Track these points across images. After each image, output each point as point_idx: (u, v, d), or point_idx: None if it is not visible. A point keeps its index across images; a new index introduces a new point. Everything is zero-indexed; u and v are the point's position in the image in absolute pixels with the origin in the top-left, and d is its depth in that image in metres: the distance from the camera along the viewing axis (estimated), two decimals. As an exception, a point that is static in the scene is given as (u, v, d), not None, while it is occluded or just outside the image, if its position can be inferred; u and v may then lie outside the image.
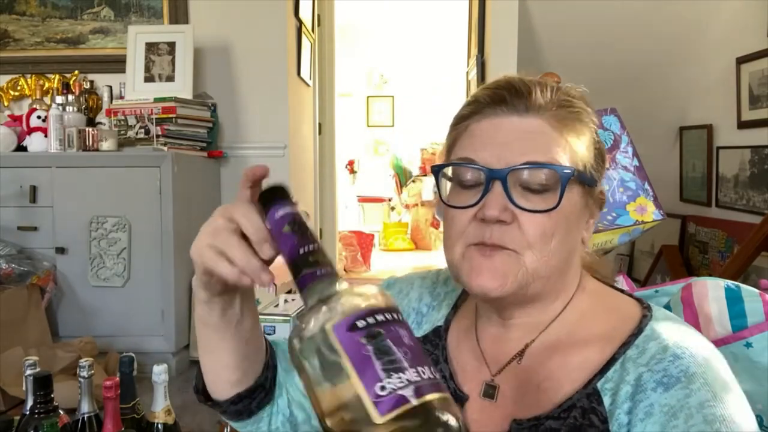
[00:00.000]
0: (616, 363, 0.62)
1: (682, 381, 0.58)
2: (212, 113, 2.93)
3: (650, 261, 3.30)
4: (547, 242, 0.63)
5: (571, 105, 0.67)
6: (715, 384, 0.58)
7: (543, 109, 0.65)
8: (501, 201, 0.62)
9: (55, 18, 3.14)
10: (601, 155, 0.69)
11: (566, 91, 0.68)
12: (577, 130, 0.66)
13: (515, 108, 0.64)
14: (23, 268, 2.45)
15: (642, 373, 0.60)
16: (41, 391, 1.06)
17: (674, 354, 0.60)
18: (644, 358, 0.61)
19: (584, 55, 3.30)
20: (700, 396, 0.57)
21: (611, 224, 1.49)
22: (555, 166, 0.62)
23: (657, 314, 0.66)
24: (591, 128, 0.68)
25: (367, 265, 5.52)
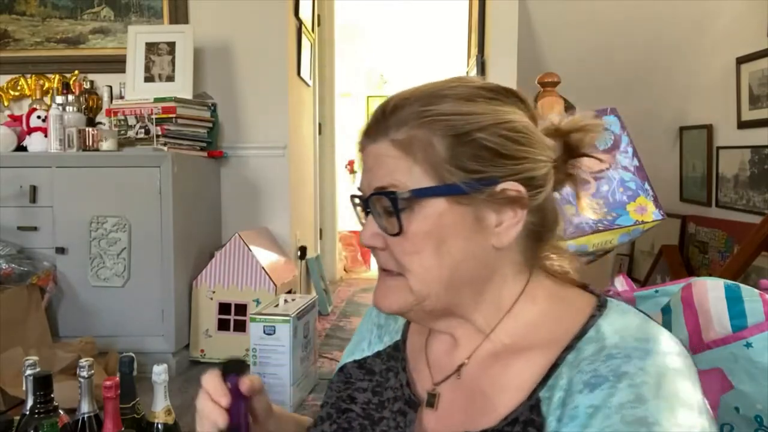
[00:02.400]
0: (556, 369, 0.60)
1: (609, 380, 0.55)
2: (212, 113, 2.93)
3: (650, 261, 3.30)
4: (415, 261, 0.64)
5: (426, 116, 0.63)
6: (644, 385, 0.54)
7: (387, 131, 0.64)
8: (369, 228, 0.66)
9: (55, 18, 3.14)
10: (494, 151, 0.62)
11: (428, 102, 0.64)
12: (430, 142, 0.62)
13: (373, 135, 0.66)
14: (23, 268, 2.45)
15: (573, 376, 0.58)
16: (41, 391, 1.06)
17: (608, 354, 0.58)
18: (578, 360, 0.59)
19: (584, 55, 3.30)
20: (624, 396, 0.54)
21: (611, 224, 1.49)
22: (385, 191, 0.63)
23: (609, 312, 0.63)
24: (462, 130, 0.62)
25: (367, 265, 5.52)
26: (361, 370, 0.77)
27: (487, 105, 0.64)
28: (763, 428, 0.79)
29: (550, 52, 3.40)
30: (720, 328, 0.82)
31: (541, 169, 0.64)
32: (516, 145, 0.63)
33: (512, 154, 0.63)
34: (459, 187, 0.62)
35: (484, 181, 0.62)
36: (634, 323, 0.62)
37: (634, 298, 1.13)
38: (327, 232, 4.81)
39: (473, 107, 0.63)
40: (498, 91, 0.66)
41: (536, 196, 0.64)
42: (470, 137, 0.62)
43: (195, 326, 2.73)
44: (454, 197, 0.62)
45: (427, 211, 0.62)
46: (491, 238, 0.64)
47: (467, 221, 0.63)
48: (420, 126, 0.63)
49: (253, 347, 2.19)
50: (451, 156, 0.62)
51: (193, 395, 0.75)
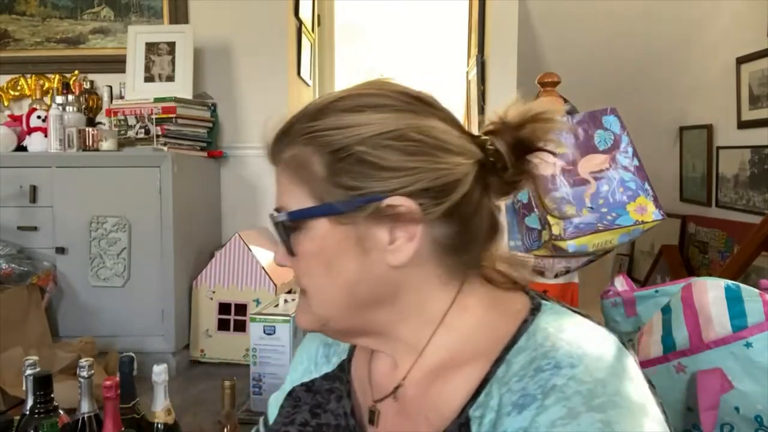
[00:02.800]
0: (486, 385, 0.57)
1: (537, 399, 0.52)
2: (212, 113, 2.93)
3: (650, 261, 3.30)
4: (310, 282, 0.63)
5: (307, 133, 0.60)
6: (576, 397, 0.51)
7: (279, 153, 0.63)
8: (280, 249, 0.66)
9: (55, 18, 3.14)
10: (375, 165, 0.57)
11: (313, 117, 0.61)
12: (310, 161, 0.59)
13: (270, 157, 0.65)
14: (23, 268, 2.45)
15: (503, 395, 0.55)
16: (41, 391, 1.06)
17: (537, 367, 0.54)
18: (508, 376, 0.56)
19: (584, 55, 3.30)
20: (553, 413, 0.50)
21: (611, 224, 1.49)
22: (273, 218, 0.63)
23: (541, 318, 0.60)
24: (339, 145, 0.58)
25: (367, 265, 5.51)
26: (309, 393, 0.74)
27: (373, 114, 0.59)
28: (763, 428, 0.79)
29: (550, 52, 3.40)
30: (720, 328, 0.82)
31: (443, 178, 0.58)
32: (401, 155, 0.57)
33: (397, 166, 0.57)
34: (334, 207, 0.58)
35: (365, 198, 0.57)
36: (567, 326, 0.59)
37: (634, 298, 1.13)
38: (327, 232, 4.82)
39: (355, 119, 0.58)
40: (396, 96, 0.61)
41: (435, 208, 0.58)
42: (348, 152, 0.57)
43: (195, 326, 2.73)
44: (335, 217, 0.59)
45: (312, 233, 0.61)
46: (386, 256, 0.59)
47: (350, 242, 0.59)
48: (303, 144, 0.60)
49: (253, 347, 2.19)
50: (329, 174, 0.58)
51: (194, 395, 0.75)
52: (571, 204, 1.50)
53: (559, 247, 1.51)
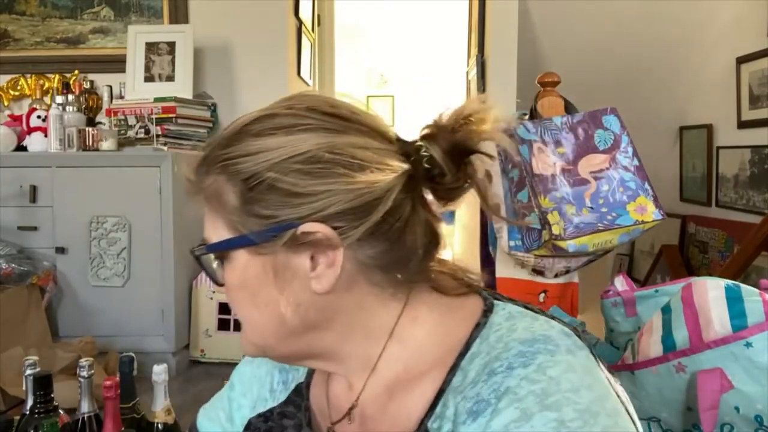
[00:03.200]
0: (443, 395, 0.55)
1: (492, 403, 0.50)
2: (212, 113, 2.93)
3: (650, 261, 3.30)
4: (239, 312, 0.61)
5: (220, 162, 0.57)
6: (529, 397, 0.49)
7: (199, 184, 0.60)
8: None
9: (55, 18, 3.14)
10: (286, 191, 0.54)
11: (227, 144, 0.58)
12: (223, 191, 0.57)
13: (189, 192, 0.63)
14: (23, 268, 2.45)
15: (458, 404, 0.53)
16: (41, 391, 1.06)
17: (490, 370, 0.53)
18: (464, 384, 0.54)
19: (584, 54, 3.30)
20: (507, 416, 0.49)
21: (611, 224, 1.49)
22: (195, 249, 0.61)
23: (494, 319, 0.58)
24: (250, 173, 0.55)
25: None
26: (267, 423, 0.70)
27: (284, 137, 0.55)
28: (763, 428, 0.79)
29: (550, 52, 3.40)
30: (720, 328, 0.82)
31: (359, 198, 0.54)
32: (313, 179, 0.54)
33: (309, 191, 0.54)
34: (249, 238, 0.56)
35: (279, 227, 0.54)
36: (520, 325, 0.57)
37: (634, 298, 1.13)
38: (327, 232, 4.82)
39: (265, 143, 0.55)
40: (312, 114, 0.57)
41: (352, 231, 0.54)
42: (259, 179, 0.54)
43: (195, 326, 2.73)
44: (252, 248, 0.56)
45: (234, 264, 0.59)
46: (311, 283, 0.56)
47: (271, 271, 0.57)
48: (218, 173, 0.57)
49: None
50: (242, 203, 0.56)
51: (194, 395, 0.75)
52: (571, 204, 1.50)
53: (559, 247, 1.51)
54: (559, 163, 1.54)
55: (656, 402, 0.92)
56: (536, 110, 1.70)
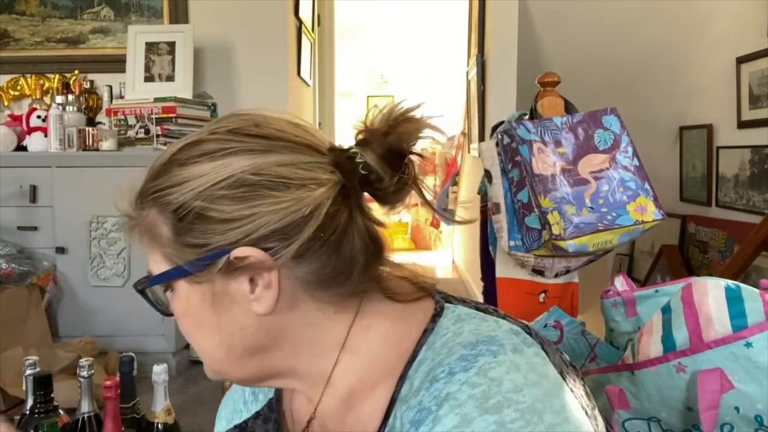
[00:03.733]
0: (393, 406, 0.55)
1: (432, 411, 0.50)
2: (212, 113, 2.93)
3: (650, 261, 3.30)
4: (190, 338, 0.61)
5: (149, 194, 0.57)
6: (469, 402, 0.49)
7: (135, 219, 0.59)
8: None
9: (55, 18, 3.14)
10: (214, 218, 0.54)
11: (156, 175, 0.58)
12: (156, 223, 0.57)
13: (124, 227, 0.62)
14: (23, 268, 2.45)
15: (403, 414, 0.53)
16: (41, 391, 1.06)
17: (432, 377, 0.52)
18: (410, 393, 0.54)
19: (584, 54, 3.30)
20: (447, 423, 0.49)
21: (611, 224, 1.49)
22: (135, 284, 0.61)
23: (442, 323, 0.58)
24: (177, 203, 0.55)
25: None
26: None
27: (209, 163, 0.55)
28: (763, 428, 0.79)
29: (550, 52, 3.40)
30: (720, 328, 0.82)
31: (288, 217, 0.53)
32: (238, 203, 0.53)
33: (236, 216, 0.53)
34: (183, 269, 0.56)
35: (211, 255, 0.54)
36: (467, 328, 0.56)
37: (634, 298, 1.13)
38: (327, 232, 4.82)
39: (191, 171, 0.55)
40: (236, 138, 0.56)
41: (284, 250, 0.54)
42: (187, 209, 0.54)
43: (195, 326, 2.73)
44: (189, 278, 0.56)
45: (177, 294, 0.59)
46: (252, 306, 0.56)
47: (210, 299, 0.57)
48: (150, 206, 0.57)
49: None
50: (174, 234, 0.56)
51: (194, 395, 0.75)
52: (571, 204, 1.50)
53: (559, 247, 1.51)
54: (559, 163, 1.53)
55: (656, 402, 0.92)
56: (536, 110, 1.70)
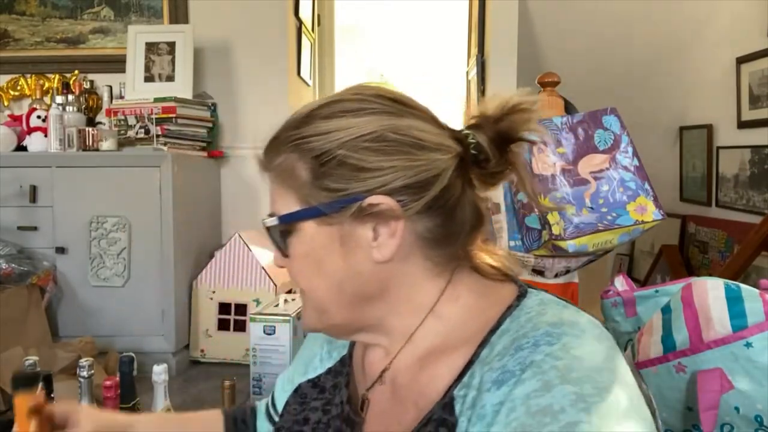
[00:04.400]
0: (471, 366, 0.59)
1: (516, 374, 0.54)
2: (212, 113, 2.93)
3: (650, 261, 3.30)
4: (303, 283, 0.66)
5: (291, 141, 0.63)
6: (552, 371, 0.52)
7: (269, 162, 0.66)
8: (276, 252, 0.68)
9: (55, 18, 3.14)
10: (354, 166, 0.60)
11: (297, 125, 0.64)
12: (295, 167, 0.62)
13: (261, 166, 0.68)
14: (23, 268, 2.45)
15: (484, 374, 0.57)
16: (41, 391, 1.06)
17: (517, 346, 0.56)
18: (491, 356, 0.58)
19: (584, 54, 3.31)
20: (528, 386, 0.52)
21: (611, 224, 1.49)
22: (264, 221, 0.66)
23: (527, 302, 0.63)
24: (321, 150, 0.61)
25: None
26: (315, 388, 0.77)
27: (352, 119, 0.61)
28: (763, 428, 0.79)
29: (550, 52, 3.40)
30: (720, 328, 0.82)
31: (421, 174, 0.60)
32: (379, 155, 0.60)
33: (375, 166, 0.60)
34: (319, 209, 0.61)
35: (347, 199, 0.60)
36: (551, 311, 0.60)
37: (634, 298, 1.13)
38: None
39: (335, 124, 0.61)
40: (374, 98, 0.63)
41: (414, 203, 0.60)
42: (329, 156, 0.60)
43: (195, 326, 2.73)
44: (321, 219, 0.62)
45: (302, 235, 0.64)
46: (372, 253, 0.62)
47: (337, 241, 0.62)
48: (290, 151, 0.63)
49: (253, 347, 2.19)
50: (313, 178, 0.61)
51: (194, 395, 0.75)
52: (571, 204, 1.50)
53: (559, 247, 1.51)
54: (559, 163, 1.54)
55: (656, 402, 0.92)
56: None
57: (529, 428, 0.50)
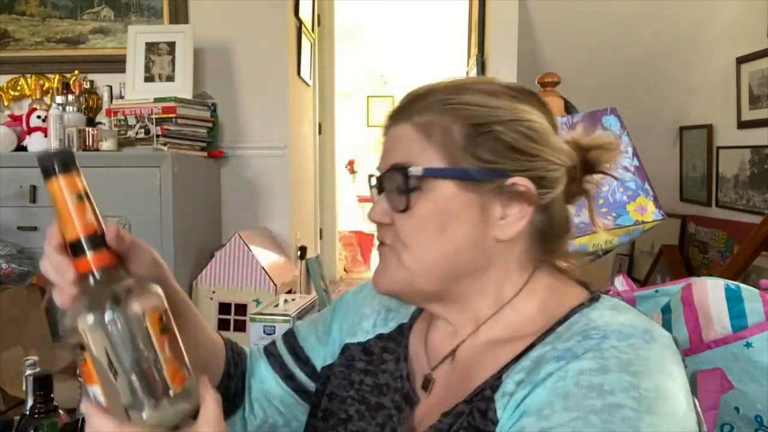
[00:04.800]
0: (531, 350, 0.62)
1: (578, 355, 0.56)
2: (212, 113, 2.93)
3: (650, 261, 3.30)
4: (415, 241, 0.66)
5: (449, 104, 0.66)
6: (612, 360, 0.54)
7: (410, 115, 0.67)
8: (380, 204, 0.68)
9: (55, 18, 3.14)
10: (509, 145, 0.64)
11: (454, 91, 0.67)
12: (448, 128, 0.64)
13: (396, 117, 0.69)
14: (23, 268, 2.45)
15: (546, 351, 0.59)
16: (41, 391, 1.06)
17: (586, 335, 0.58)
18: (556, 341, 0.60)
19: (584, 54, 3.31)
20: (585, 364, 0.54)
21: (611, 224, 1.49)
22: (399, 167, 0.65)
23: (599, 305, 0.64)
24: (481, 121, 0.64)
25: (367, 265, 5.52)
26: (363, 352, 0.78)
27: (509, 102, 0.66)
28: (763, 428, 0.79)
29: (550, 52, 3.40)
30: (720, 328, 0.82)
31: (553, 171, 0.66)
32: (531, 142, 0.64)
33: (526, 150, 0.64)
34: (470, 173, 0.63)
35: (495, 173, 0.64)
36: (626, 314, 0.62)
37: (634, 298, 1.13)
38: (327, 232, 4.81)
39: (495, 101, 0.65)
40: (521, 91, 0.68)
41: (544, 195, 0.65)
42: (488, 128, 0.64)
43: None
44: (463, 183, 0.64)
45: (435, 194, 0.64)
46: (494, 230, 0.65)
47: (473, 209, 0.64)
48: (442, 113, 0.65)
49: (252, 347, 2.19)
50: (467, 143, 0.64)
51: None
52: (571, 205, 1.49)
53: (559, 247, 1.50)
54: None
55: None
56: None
57: (572, 396, 0.52)
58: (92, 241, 0.58)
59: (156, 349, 0.53)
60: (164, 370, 0.53)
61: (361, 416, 0.73)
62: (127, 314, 0.52)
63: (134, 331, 0.52)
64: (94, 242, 0.58)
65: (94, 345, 0.52)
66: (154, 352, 0.53)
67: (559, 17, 3.36)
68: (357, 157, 7.24)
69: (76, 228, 0.57)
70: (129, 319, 0.52)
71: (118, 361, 0.52)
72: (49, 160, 0.57)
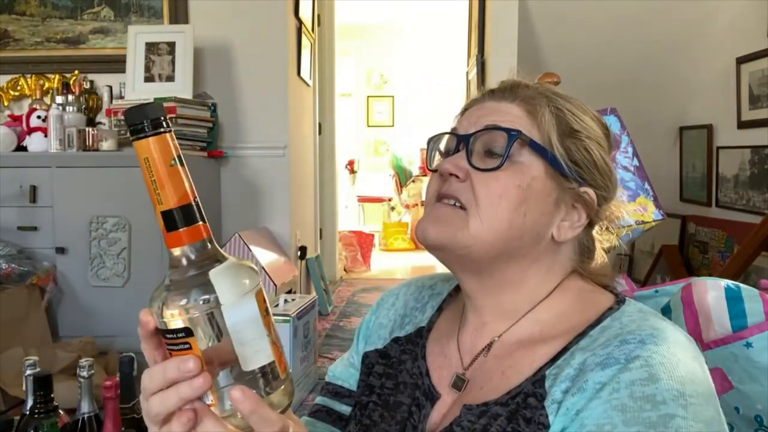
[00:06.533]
0: (567, 352, 0.63)
1: (621, 362, 0.58)
2: (212, 113, 2.93)
3: (650, 261, 3.30)
4: (492, 203, 0.66)
5: (552, 102, 0.70)
6: (658, 367, 0.56)
7: (516, 97, 0.71)
8: (459, 159, 0.68)
9: (55, 18, 3.14)
10: (591, 158, 0.70)
11: (555, 94, 0.72)
12: (549, 117, 0.68)
13: (498, 95, 0.72)
14: (23, 268, 2.45)
15: (587, 357, 0.61)
16: (41, 391, 1.06)
17: (623, 339, 0.60)
18: (593, 345, 0.62)
19: (584, 54, 3.31)
20: (635, 374, 0.56)
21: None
22: (505, 128, 0.67)
23: (626, 308, 0.67)
24: (577, 128, 0.69)
25: (367, 265, 5.52)
26: (381, 357, 0.80)
27: (596, 126, 0.72)
28: (763, 428, 0.79)
29: (550, 52, 3.41)
30: (720, 328, 0.82)
31: (609, 193, 0.72)
32: (603, 164, 0.71)
33: (603, 171, 0.70)
34: (564, 165, 0.67)
35: (579, 175, 0.69)
36: (652, 319, 0.64)
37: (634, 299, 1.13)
38: (327, 232, 4.81)
39: (589, 120, 0.71)
40: (605, 124, 0.75)
41: (597, 213, 0.71)
42: (581, 137, 0.69)
43: None
44: (552, 172, 0.67)
45: (526, 168, 0.67)
46: (554, 228, 0.69)
47: (550, 199, 0.68)
48: (548, 106, 0.69)
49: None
50: (563, 141, 0.68)
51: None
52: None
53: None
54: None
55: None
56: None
57: (629, 410, 0.54)
58: (189, 211, 0.52)
59: (264, 329, 0.49)
60: (272, 353, 0.49)
61: (383, 418, 0.74)
62: (239, 293, 0.48)
63: (248, 309, 0.48)
64: (191, 213, 0.52)
65: (205, 325, 0.47)
66: (266, 332, 0.49)
67: (559, 17, 3.37)
68: (357, 157, 7.25)
69: (173, 196, 0.51)
70: (243, 298, 0.48)
71: (237, 340, 0.47)
72: (141, 115, 0.49)
